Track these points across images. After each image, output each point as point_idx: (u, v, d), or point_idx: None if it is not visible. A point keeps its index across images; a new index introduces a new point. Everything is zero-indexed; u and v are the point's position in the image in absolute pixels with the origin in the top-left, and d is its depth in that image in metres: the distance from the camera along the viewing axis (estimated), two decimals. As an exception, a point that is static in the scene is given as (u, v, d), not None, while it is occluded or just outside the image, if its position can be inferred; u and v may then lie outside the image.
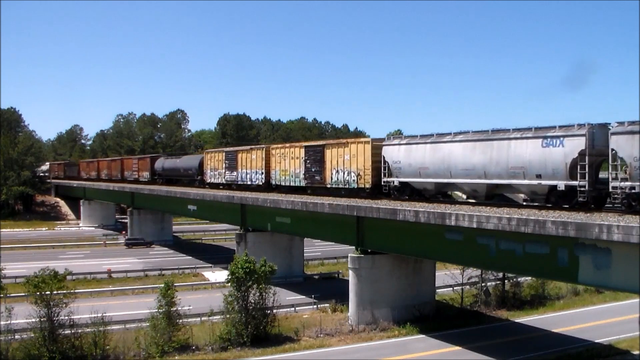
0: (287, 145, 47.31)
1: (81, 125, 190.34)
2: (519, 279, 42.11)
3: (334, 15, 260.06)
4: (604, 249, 21.64)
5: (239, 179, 52.79)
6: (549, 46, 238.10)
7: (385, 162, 34.95)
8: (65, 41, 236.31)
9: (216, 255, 62.14)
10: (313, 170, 41.95)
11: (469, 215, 26.36)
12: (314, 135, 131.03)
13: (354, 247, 36.02)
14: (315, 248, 64.91)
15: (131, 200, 77.19)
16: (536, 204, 27.97)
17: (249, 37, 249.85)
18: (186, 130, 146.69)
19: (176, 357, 29.73)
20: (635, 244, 19.85)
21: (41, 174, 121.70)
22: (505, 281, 41.27)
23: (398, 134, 50.85)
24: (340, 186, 38.86)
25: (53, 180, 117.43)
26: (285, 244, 49.46)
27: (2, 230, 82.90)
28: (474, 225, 26.06)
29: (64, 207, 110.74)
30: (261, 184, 48.79)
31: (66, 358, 28.13)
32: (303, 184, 43.17)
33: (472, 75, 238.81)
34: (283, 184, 45.76)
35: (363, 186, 36.77)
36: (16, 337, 29.96)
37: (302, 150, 43.23)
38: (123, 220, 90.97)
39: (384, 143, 35.22)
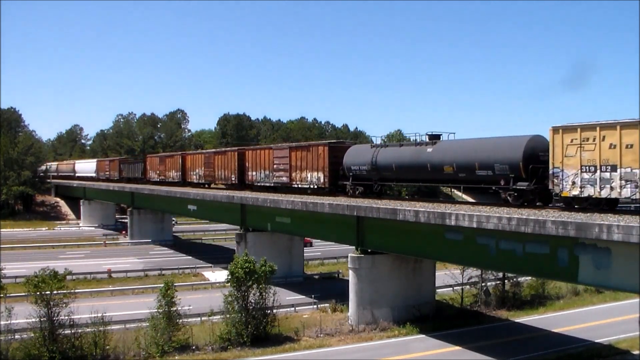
0: None
1: (81, 125, 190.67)
2: (519, 279, 42.09)
3: (334, 15, 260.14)
4: (604, 248, 21.64)
5: None
6: (549, 46, 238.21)
7: None
8: (65, 41, 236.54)
9: (216, 255, 62.12)
10: None
11: (469, 215, 26.35)
12: (314, 135, 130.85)
13: (354, 247, 36.01)
14: (315, 248, 64.89)
15: (131, 200, 77.15)
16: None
17: (249, 37, 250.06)
18: (186, 130, 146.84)
19: (176, 357, 29.72)
20: (635, 243, 19.84)
21: (80, 175, 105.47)
22: (505, 281, 41.25)
23: (398, 133, 50.37)
24: None
25: (53, 180, 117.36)
26: (285, 244, 49.39)
27: (2, 230, 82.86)
28: (474, 225, 26.05)
29: (64, 207, 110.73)
30: None
31: (66, 358, 28.09)
32: None
33: (472, 75, 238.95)
34: None
35: None
36: (16, 337, 29.87)
37: None
38: (123, 220, 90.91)
39: None
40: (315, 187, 42.40)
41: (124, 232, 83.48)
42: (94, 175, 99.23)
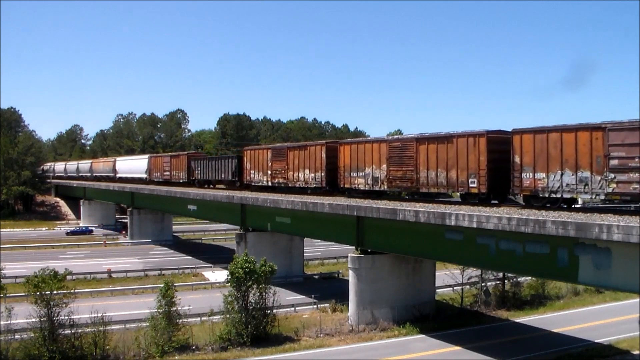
0: None
1: (81, 125, 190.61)
2: (519, 279, 42.09)
3: (333, 15, 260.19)
4: (604, 249, 21.64)
5: None
6: (548, 47, 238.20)
7: None
8: (65, 41, 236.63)
9: (216, 255, 62.10)
10: None
11: (469, 215, 26.34)
12: (314, 135, 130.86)
13: (354, 247, 36.00)
14: (315, 248, 64.85)
15: (131, 200, 77.14)
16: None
17: (249, 37, 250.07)
18: (186, 130, 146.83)
19: (176, 357, 29.73)
20: (635, 244, 19.84)
21: (124, 176, 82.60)
22: (505, 281, 41.26)
23: (398, 133, 49.70)
24: None
25: (53, 180, 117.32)
26: (285, 244, 49.41)
27: (2, 230, 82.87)
28: (474, 225, 26.05)
29: (64, 207, 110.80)
30: None
31: (66, 358, 28.10)
32: None
33: (472, 75, 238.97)
34: None
35: None
36: (16, 337, 29.90)
37: None
38: (123, 220, 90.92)
39: None
40: None
41: (124, 232, 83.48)
42: (144, 176, 75.06)
